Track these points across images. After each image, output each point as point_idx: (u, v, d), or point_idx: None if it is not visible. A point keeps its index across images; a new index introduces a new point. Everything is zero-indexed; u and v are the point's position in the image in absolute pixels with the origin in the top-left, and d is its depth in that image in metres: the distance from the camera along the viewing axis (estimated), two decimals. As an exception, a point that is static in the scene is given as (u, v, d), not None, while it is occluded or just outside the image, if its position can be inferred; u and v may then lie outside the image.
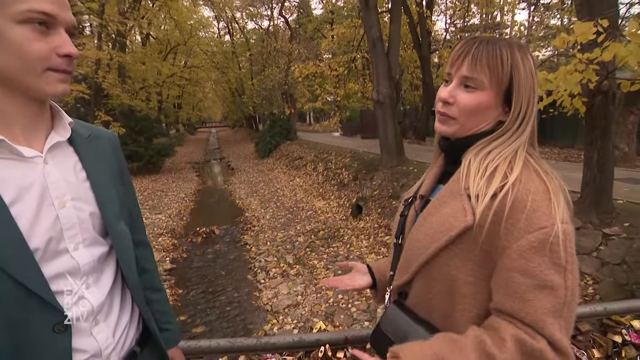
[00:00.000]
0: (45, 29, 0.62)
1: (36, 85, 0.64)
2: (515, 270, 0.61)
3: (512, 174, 0.66)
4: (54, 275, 0.67)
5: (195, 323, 4.92)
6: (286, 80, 17.06)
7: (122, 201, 0.83)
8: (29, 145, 0.68)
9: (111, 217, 0.77)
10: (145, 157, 14.48)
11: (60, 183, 0.70)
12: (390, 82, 7.87)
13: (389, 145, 8.00)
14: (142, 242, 0.95)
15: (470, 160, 0.71)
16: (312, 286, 5.21)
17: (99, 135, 0.83)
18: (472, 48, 0.71)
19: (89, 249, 0.73)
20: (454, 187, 0.72)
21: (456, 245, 0.68)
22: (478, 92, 0.71)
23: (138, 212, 0.95)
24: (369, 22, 7.67)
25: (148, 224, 8.46)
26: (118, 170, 0.85)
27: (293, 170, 13.68)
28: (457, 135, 0.76)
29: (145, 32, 19.77)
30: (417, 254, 0.73)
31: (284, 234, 7.39)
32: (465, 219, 0.66)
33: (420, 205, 0.81)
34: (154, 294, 0.96)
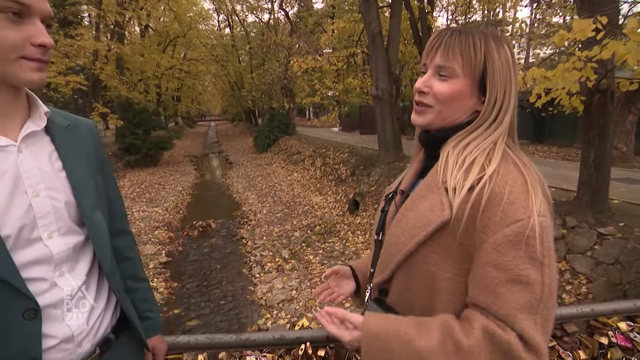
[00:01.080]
0: (19, 19, 0.63)
1: (10, 72, 0.65)
2: (490, 264, 0.60)
3: (490, 166, 0.65)
4: (26, 263, 0.68)
5: (190, 316, 4.92)
6: (286, 74, 16.97)
7: (100, 191, 0.84)
8: (4, 133, 0.69)
9: (87, 207, 0.78)
10: (143, 150, 14.41)
11: (34, 172, 0.70)
12: (390, 77, 7.82)
13: (387, 141, 7.97)
14: (123, 230, 0.96)
15: (448, 153, 0.70)
16: (307, 281, 5.21)
17: (77, 124, 0.84)
18: (445, 38, 0.70)
19: (63, 238, 0.74)
20: (432, 181, 0.71)
21: (434, 241, 0.66)
22: (452, 80, 0.70)
23: (119, 201, 0.95)
24: (369, 16, 7.60)
25: (144, 217, 8.45)
26: (96, 159, 0.85)
27: (291, 165, 13.65)
28: (433, 126, 0.75)
29: (144, 23, 19.61)
30: (395, 250, 0.71)
31: (280, 228, 7.38)
32: (442, 214, 0.64)
33: (401, 200, 0.79)
34: (136, 282, 0.97)
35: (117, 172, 13.00)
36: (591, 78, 3.06)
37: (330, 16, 20.08)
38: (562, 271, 3.80)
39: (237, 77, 25.70)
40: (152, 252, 6.56)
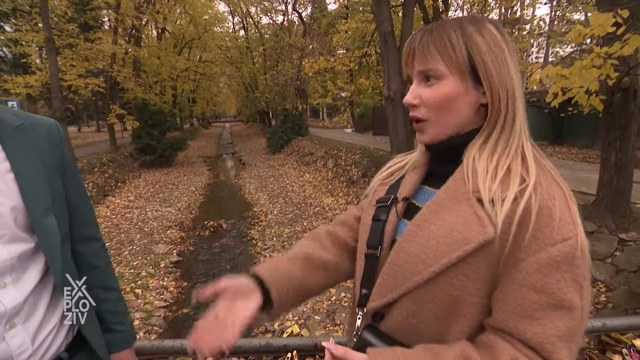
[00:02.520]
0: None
1: None
2: (529, 286, 0.52)
3: (530, 175, 0.56)
4: None
5: (198, 316, 4.89)
6: (299, 75, 16.99)
7: (57, 194, 0.77)
8: None
9: (38, 212, 0.72)
10: (158, 151, 14.65)
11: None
12: (402, 78, 7.70)
13: (399, 142, 7.85)
14: (89, 236, 0.89)
15: (474, 158, 0.61)
16: (315, 283, 5.16)
17: (33, 124, 0.78)
18: (417, 41, 0.63)
19: (7, 246, 0.68)
20: (457, 189, 0.61)
21: (467, 262, 0.56)
22: (440, 82, 0.62)
23: (85, 205, 0.89)
24: (381, 16, 7.50)
25: (158, 216, 8.56)
26: (54, 161, 0.79)
27: (303, 166, 13.64)
28: (439, 139, 0.65)
29: (161, 26, 20.01)
30: (412, 271, 0.60)
31: (290, 229, 7.35)
32: (484, 230, 0.54)
33: (403, 209, 0.69)
34: (103, 292, 0.89)
35: (133, 172, 13.26)
36: (611, 76, 2.91)
37: (343, 17, 20.00)
38: (580, 278, 3.64)
39: (251, 78, 25.94)
40: (164, 252, 6.63)
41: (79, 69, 12.78)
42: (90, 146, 15.89)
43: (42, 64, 12.94)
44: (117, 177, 11.65)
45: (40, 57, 14.31)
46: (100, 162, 11.40)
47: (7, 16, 16.49)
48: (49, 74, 11.20)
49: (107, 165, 11.69)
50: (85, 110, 31.23)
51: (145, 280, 5.55)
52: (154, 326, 4.55)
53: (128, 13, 14.24)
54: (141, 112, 14.64)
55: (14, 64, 19.12)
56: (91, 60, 13.32)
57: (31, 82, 11.53)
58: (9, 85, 11.29)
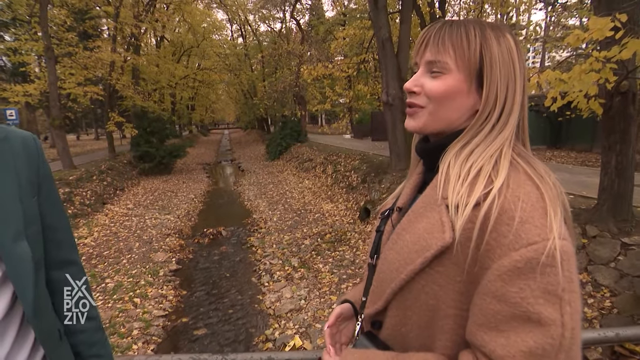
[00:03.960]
0: None
1: None
2: (491, 294, 0.49)
3: (498, 177, 0.54)
4: None
5: (197, 325, 4.87)
6: (297, 82, 17.05)
7: (31, 217, 0.70)
8: None
9: (6, 237, 0.64)
10: (157, 158, 14.62)
11: None
12: (400, 83, 7.72)
13: (398, 147, 7.85)
14: (68, 260, 0.81)
15: (449, 163, 0.60)
16: (316, 290, 5.11)
17: (7, 137, 0.70)
18: (434, 31, 0.62)
19: None
20: (431, 197, 0.61)
21: (433, 269, 0.55)
22: (444, 76, 0.61)
23: (63, 226, 0.80)
24: (378, 22, 7.55)
25: (156, 224, 8.50)
26: (30, 178, 0.71)
27: (302, 172, 13.62)
28: (429, 130, 0.65)
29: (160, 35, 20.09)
30: (389, 278, 0.61)
31: (290, 236, 7.31)
32: (443, 236, 0.54)
33: (398, 218, 0.70)
34: (81, 323, 0.80)
35: (131, 180, 13.21)
36: (610, 80, 2.91)
37: (341, 24, 20.14)
38: (584, 283, 3.60)
39: (249, 85, 26.02)
40: (163, 260, 6.57)
41: (78, 77, 12.79)
42: (89, 154, 15.86)
43: (41, 73, 12.95)
44: (115, 184, 11.60)
45: (39, 65, 14.34)
46: (99, 170, 11.36)
47: (7, 25, 16.56)
48: (47, 82, 11.20)
49: (106, 173, 11.65)
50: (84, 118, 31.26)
51: (144, 289, 5.49)
52: (152, 336, 4.49)
53: (127, 22, 14.30)
54: (140, 120, 14.65)
55: (13, 73, 19.18)
56: (90, 68, 13.33)
57: (30, 91, 11.51)
58: (7, 94, 11.26)
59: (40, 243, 0.71)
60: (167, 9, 18.19)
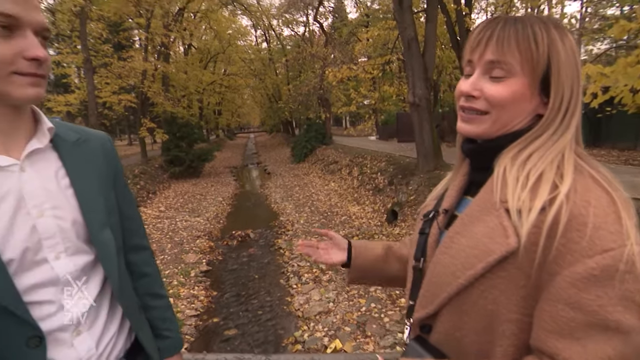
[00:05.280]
0: (8, 32, 0.59)
1: (3, 90, 0.61)
2: (564, 301, 0.48)
3: (564, 181, 0.52)
4: (31, 286, 0.65)
5: (228, 325, 4.96)
6: (321, 84, 17.12)
7: (111, 207, 0.80)
8: (7, 152, 0.66)
9: (95, 225, 0.74)
10: (186, 162, 15.06)
11: (39, 191, 0.68)
12: (427, 83, 7.60)
13: (426, 148, 7.71)
14: (141, 246, 0.93)
15: (505, 167, 0.58)
16: (345, 293, 5.09)
17: (88, 138, 0.80)
18: (496, 29, 0.58)
19: (71, 258, 0.71)
20: (487, 200, 0.59)
21: (495, 274, 0.54)
22: (508, 80, 0.57)
23: (135, 216, 0.92)
24: (403, 22, 7.46)
25: (187, 226, 8.76)
26: (108, 174, 0.82)
27: (328, 175, 13.63)
28: (486, 136, 0.62)
29: (187, 42, 20.75)
30: (444, 282, 0.60)
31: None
32: (506, 241, 0.53)
33: (445, 221, 0.68)
34: (153, 300, 0.93)
35: (163, 184, 13.68)
36: (659, 72, 2.74)
37: (364, 25, 20.07)
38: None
39: (274, 89, 26.37)
40: (194, 261, 6.75)
41: (113, 86, 13.45)
42: (123, 159, 16.49)
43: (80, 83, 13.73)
44: (148, 188, 12.05)
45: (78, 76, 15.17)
46: (132, 174, 11.83)
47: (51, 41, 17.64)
48: (86, 92, 11.85)
49: (139, 177, 12.12)
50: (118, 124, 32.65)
51: (177, 289, 5.66)
52: (185, 335, 4.61)
53: (157, 32, 14.86)
54: (170, 125, 15.15)
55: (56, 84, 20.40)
56: (124, 77, 13.96)
57: (71, 101, 12.23)
58: (51, 104, 12.03)
59: (119, 231, 0.82)
60: (194, 18, 18.77)
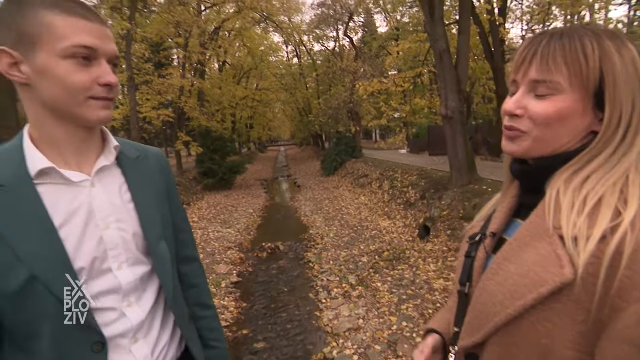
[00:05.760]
0: (87, 61, 0.66)
1: (80, 113, 0.68)
2: (631, 342, 0.43)
3: (629, 207, 0.47)
4: (98, 294, 0.71)
5: (257, 338, 4.97)
6: (351, 98, 17.21)
7: (166, 220, 0.85)
8: (80, 169, 0.73)
9: (153, 238, 0.79)
10: (219, 174, 15.51)
11: (106, 205, 0.73)
12: (460, 95, 7.44)
13: (459, 162, 7.50)
14: (191, 257, 0.96)
15: (559, 190, 0.54)
16: (375, 310, 4.97)
17: (147, 155, 0.87)
18: (540, 45, 0.55)
19: (132, 269, 0.76)
20: (539, 225, 0.55)
21: (548, 306, 0.50)
22: (555, 97, 0.54)
23: (187, 229, 0.96)
24: (435, 35, 7.40)
25: (219, 237, 8.95)
26: (164, 189, 0.87)
27: (358, 189, 13.55)
28: (532, 155, 0.59)
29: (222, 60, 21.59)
30: (491, 311, 0.56)
31: (347, 253, 7.25)
32: (561, 272, 0.49)
33: (492, 245, 0.65)
34: (202, 310, 0.96)
35: (196, 195, 14.12)
36: None
37: (394, 39, 20.10)
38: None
39: (304, 103, 26.78)
40: (225, 272, 6.86)
41: (153, 102, 14.20)
42: (160, 172, 17.28)
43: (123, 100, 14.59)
44: (182, 199, 12.46)
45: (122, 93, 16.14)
46: (169, 186, 12.30)
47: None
48: (129, 108, 12.57)
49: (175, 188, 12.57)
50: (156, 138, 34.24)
51: (209, 300, 5.75)
52: (216, 346, 4.66)
53: (194, 50, 15.61)
54: (204, 139, 15.70)
55: (101, 101, 21.74)
56: (163, 93, 14.71)
57: (115, 116, 13.01)
58: (97, 120, 12.80)
59: (172, 243, 0.86)
60: (229, 36, 19.56)
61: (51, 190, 0.68)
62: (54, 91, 0.65)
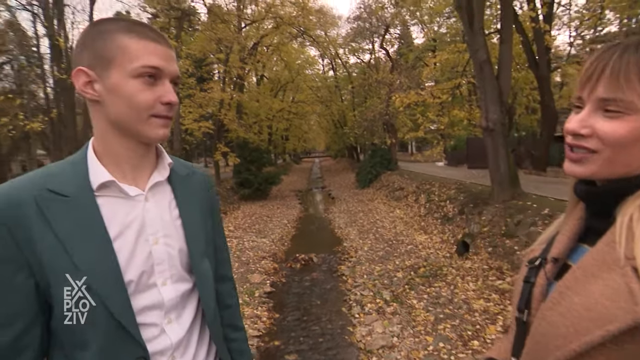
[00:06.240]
0: (153, 80, 0.70)
1: (142, 130, 0.72)
2: None
3: None
4: (142, 308, 0.71)
5: (289, 350, 4.94)
6: (387, 110, 17.08)
7: (209, 238, 0.85)
8: (136, 183, 0.76)
9: (196, 255, 0.79)
10: (255, 185, 15.86)
11: (156, 220, 0.75)
12: (501, 107, 7.16)
13: (501, 176, 7.17)
14: (226, 277, 0.97)
15: (632, 217, 0.49)
16: (410, 328, 4.79)
17: (194, 173, 0.89)
18: (611, 59, 0.50)
19: (175, 285, 0.76)
20: (607, 254, 0.50)
21: (620, 346, 0.45)
22: (627, 117, 0.49)
23: (224, 247, 0.97)
24: (475, 45, 7.20)
25: (254, 246, 9.09)
26: (208, 206, 0.88)
27: (393, 201, 13.31)
28: (599, 177, 0.54)
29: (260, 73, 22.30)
30: (552, 344, 0.52)
31: (381, 267, 7.09)
32: (634, 309, 0.44)
33: (554, 271, 0.60)
34: (234, 332, 0.95)
35: (233, 204, 14.50)
36: None
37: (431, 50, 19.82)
38: None
39: (339, 115, 26.94)
40: (259, 282, 6.93)
41: (195, 114, 14.89)
42: (199, 181, 17.95)
43: (168, 113, 15.37)
44: (220, 208, 12.83)
45: (167, 107, 17.03)
46: (207, 195, 12.73)
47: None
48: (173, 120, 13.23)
49: (213, 198, 12.98)
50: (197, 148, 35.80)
51: (241, 308, 5.81)
52: (248, 356, 4.68)
53: (234, 65, 16.25)
54: (242, 150, 16.18)
55: (148, 114, 23.12)
56: (204, 106, 15.39)
57: (159, 129, 13.72)
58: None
59: (213, 261, 0.87)
60: (267, 50, 20.20)
61: (109, 202, 0.71)
62: (121, 108, 0.69)
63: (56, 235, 0.64)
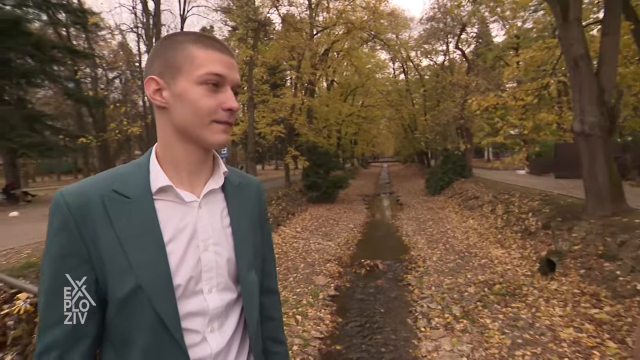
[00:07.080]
0: (216, 88, 0.73)
1: (203, 135, 0.74)
2: None
3: None
4: (187, 314, 0.72)
5: (350, 356, 4.87)
6: (462, 114, 16.11)
7: (257, 249, 0.85)
8: (192, 189, 0.77)
9: (244, 265, 0.79)
10: (323, 188, 16.11)
11: (207, 227, 0.76)
12: (602, 108, 6.26)
13: (599, 187, 6.26)
14: (272, 289, 0.95)
15: None
16: (482, 350, 4.39)
17: (247, 182, 0.90)
18: None
19: (220, 294, 0.77)
20: None
21: None
22: None
23: (272, 258, 0.95)
24: (569, 38, 6.41)
25: (319, 249, 9.19)
26: (258, 217, 0.88)
27: (466, 211, 12.48)
28: None
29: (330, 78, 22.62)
30: None
31: (451, 280, 6.66)
32: None
33: None
34: (275, 345, 0.93)
35: (301, 206, 14.87)
36: None
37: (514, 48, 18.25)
38: None
39: (410, 119, 26.17)
40: (323, 284, 6.97)
41: (268, 119, 15.63)
42: (270, 182, 18.79)
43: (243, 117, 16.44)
44: (288, 209, 13.26)
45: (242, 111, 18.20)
46: (276, 195, 13.25)
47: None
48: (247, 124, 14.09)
49: (282, 198, 13.47)
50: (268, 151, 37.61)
51: (305, 308, 5.89)
52: (309, 355, 4.71)
53: (306, 71, 16.73)
54: (311, 153, 16.55)
55: (226, 119, 25.04)
56: (276, 111, 16.09)
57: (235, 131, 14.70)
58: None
59: (259, 273, 0.86)
60: (337, 56, 20.43)
61: (166, 206, 0.73)
62: (185, 113, 0.72)
63: (117, 235, 0.68)
